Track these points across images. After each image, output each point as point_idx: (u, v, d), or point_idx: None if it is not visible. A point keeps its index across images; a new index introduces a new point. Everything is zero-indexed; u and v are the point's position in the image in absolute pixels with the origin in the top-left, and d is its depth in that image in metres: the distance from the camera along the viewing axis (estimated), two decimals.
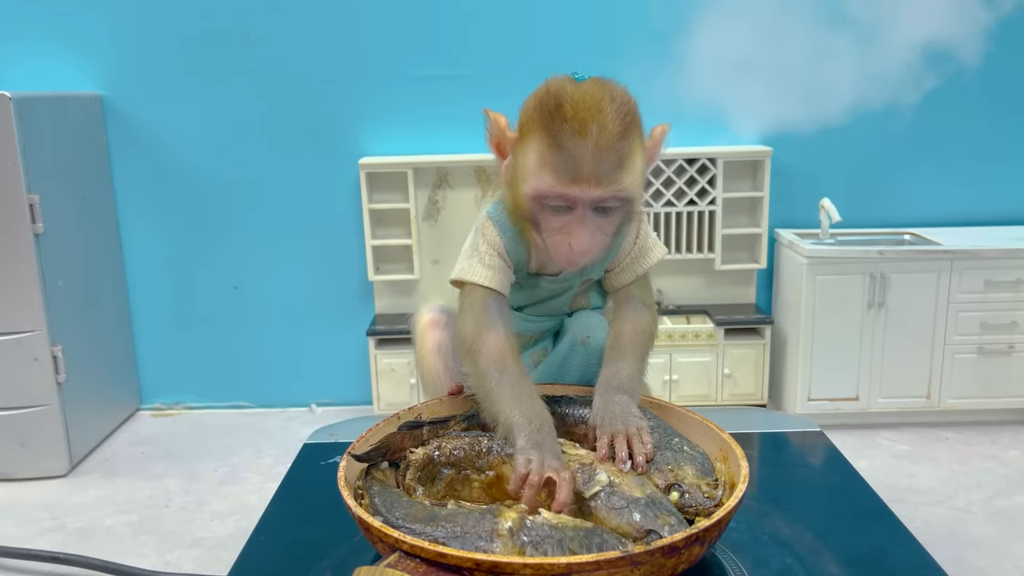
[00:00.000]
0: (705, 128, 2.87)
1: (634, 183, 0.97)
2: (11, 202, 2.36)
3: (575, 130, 0.92)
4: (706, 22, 2.80)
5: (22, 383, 2.47)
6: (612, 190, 0.95)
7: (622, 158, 0.94)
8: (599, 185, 0.94)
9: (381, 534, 0.78)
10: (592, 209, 0.96)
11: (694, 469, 0.92)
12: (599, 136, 0.92)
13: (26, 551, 2.02)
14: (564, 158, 0.93)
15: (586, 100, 0.94)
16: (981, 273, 2.63)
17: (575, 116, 0.93)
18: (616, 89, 0.98)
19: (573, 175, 0.93)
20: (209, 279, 2.97)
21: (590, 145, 0.92)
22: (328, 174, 2.89)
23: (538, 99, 0.98)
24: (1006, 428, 2.73)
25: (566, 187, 0.94)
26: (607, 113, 0.93)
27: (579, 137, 0.92)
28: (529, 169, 0.97)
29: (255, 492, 2.39)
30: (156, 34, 2.78)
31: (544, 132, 0.95)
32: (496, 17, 2.78)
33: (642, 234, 1.14)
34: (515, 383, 0.99)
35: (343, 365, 3.04)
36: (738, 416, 1.45)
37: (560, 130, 0.93)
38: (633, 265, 1.13)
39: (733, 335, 2.83)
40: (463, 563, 0.74)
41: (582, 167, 0.93)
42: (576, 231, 0.97)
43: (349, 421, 1.34)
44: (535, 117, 0.97)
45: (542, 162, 0.95)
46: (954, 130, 2.90)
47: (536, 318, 1.20)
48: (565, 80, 0.99)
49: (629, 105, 0.97)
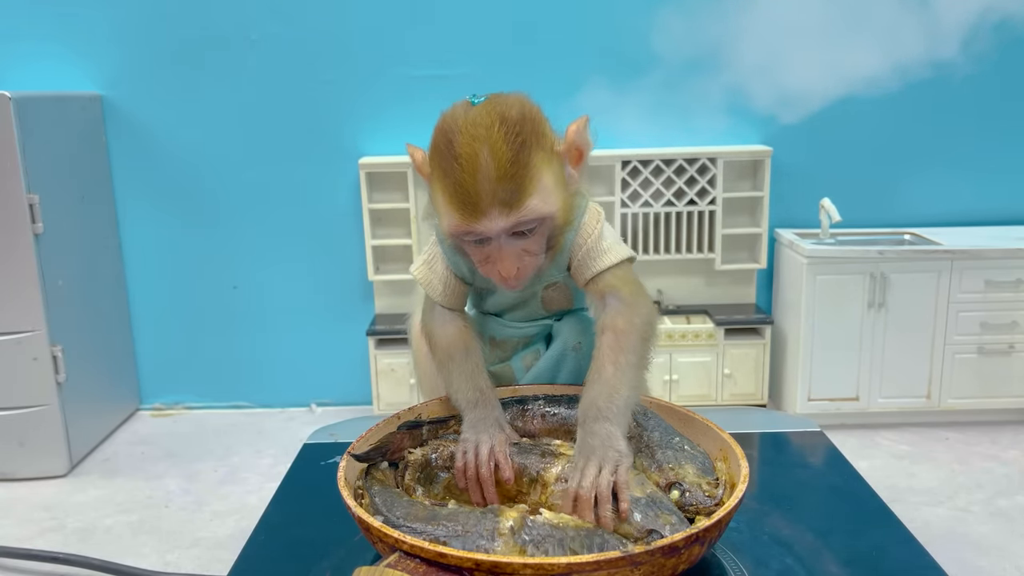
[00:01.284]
0: (705, 128, 2.87)
1: (541, 201, 0.94)
2: (11, 202, 2.36)
3: (464, 167, 0.91)
4: (706, 22, 2.80)
5: (22, 383, 2.47)
6: (517, 217, 0.92)
7: (520, 181, 0.91)
8: (501, 216, 0.92)
9: (381, 534, 0.78)
10: (508, 235, 0.94)
11: (695, 468, 0.93)
12: (490, 167, 0.90)
13: (26, 551, 2.02)
14: (462, 196, 0.92)
15: (473, 130, 0.91)
16: (981, 273, 2.62)
17: (463, 151, 0.91)
18: (509, 107, 0.94)
19: (473, 212, 0.92)
20: (209, 279, 2.97)
21: (482, 179, 0.90)
22: (328, 174, 2.89)
23: (434, 135, 0.96)
24: (1006, 428, 2.73)
25: (471, 225, 0.93)
26: (496, 139, 0.90)
27: (470, 173, 0.90)
28: (439, 208, 0.97)
29: (255, 492, 2.39)
30: (156, 34, 2.78)
31: (441, 171, 0.94)
32: (496, 17, 2.78)
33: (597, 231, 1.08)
34: (460, 367, 1.05)
35: (343, 365, 3.04)
36: (738, 416, 1.45)
37: (453, 168, 0.91)
38: (587, 262, 1.06)
39: (733, 335, 2.83)
40: (463, 563, 0.74)
41: (480, 202, 0.91)
42: (500, 260, 0.96)
43: (349, 421, 1.34)
44: (434, 155, 0.96)
45: (446, 202, 0.94)
46: (954, 130, 2.90)
47: (517, 324, 1.19)
48: (460, 107, 0.96)
49: (523, 121, 0.93)
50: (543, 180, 0.94)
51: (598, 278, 1.05)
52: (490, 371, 1.16)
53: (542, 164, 0.94)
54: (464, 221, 0.93)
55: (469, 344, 1.09)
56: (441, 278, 1.11)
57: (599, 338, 1.02)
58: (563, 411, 1.05)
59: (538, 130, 0.95)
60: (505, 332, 1.19)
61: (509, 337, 1.19)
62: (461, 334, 1.09)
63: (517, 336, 1.20)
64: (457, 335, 1.09)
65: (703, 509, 0.88)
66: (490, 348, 1.20)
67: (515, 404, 1.07)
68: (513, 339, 1.20)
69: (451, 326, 1.11)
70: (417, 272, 1.14)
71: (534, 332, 1.20)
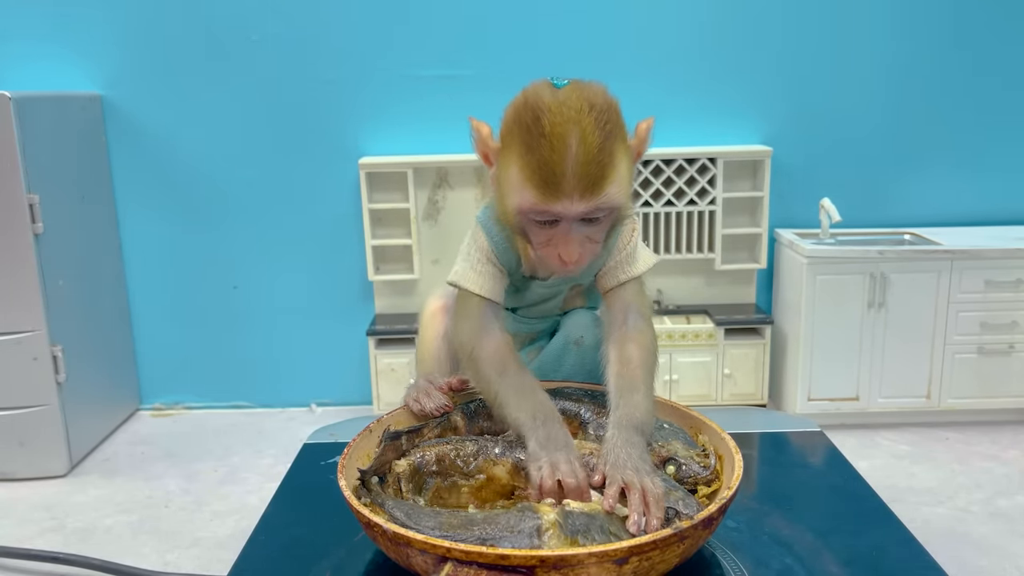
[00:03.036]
0: (705, 128, 2.87)
1: (619, 191, 0.94)
2: (11, 202, 2.36)
3: (554, 145, 0.90)
4: (705, 22, 2.80)
5: (22, 383, 2.47)
6: (596, 203, 0.92)
7: (604, 168, 0.91)
8: (582, 199, 0.91)
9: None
10: (579, 220, 0.94)
11: (681, 443, 0.97)
12: (579, 150, 0.90)
13: (26, 551, 2.02)
14: (545, 174, 0.91)
15: (564, 111, 0.91)
16: (981, 273, 2.63)
17: (554, 130, 0.90)
18: (596, 94, 0.95)
19: (555, 191, 0.91)
20: (209, 279, 2.97)
21: (570, 160, 0.90)
22: (328, 174, 2.89)
23: (516, 111, 0.95)
24: (1006, 428, 2.73)
25: (549, 204, 0.92)
26: (586, 123, 0.90)
27: (559, 152, 0.90)
28: (512, 184, 0.95)
29: (255, 492, 2.39)
30: (156, 34, 2.78)
31: (524, 147, 0.92)
32: (496, 16, 2.78)
33: (634, 238, 1.11)
34: (516, 382, 1.00)
35: (343, 365, 3.04)
36: (738, 416, 1.45)
37: (539, 145, 0.90)
38: (623, 266, 1.10)
39: (733, 335, 2.83)
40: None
41: (563, 183, 0.90)
42: (564, 243, 0.95)
43: (349, 421, 1.34)
44: (514, 130, 0.94)
45: (524, 179, 0.93)
46: (954, 130, 2.90)
47: (529, 320, 1.21)
48: (543, 87, 0.96)
49: (610, 110, 0.94)
50: (622, 171, 0.95)
51: (623, 287, 1.08)
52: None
53: (622, 155, 0.95)
54: (542, 199, 0.92)
55: (517, 354, 1.06)
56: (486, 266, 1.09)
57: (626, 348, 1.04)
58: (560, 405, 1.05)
59: (618, 121, 0.95)
60: (516, 327, 1.20)
61: (517, 331, 1.20)
62: (508, 345, 1.06)
63: (527, 331, 1.21)
64: (505, 346, 1.05)
65: (700, 479, 0.92)
66: None
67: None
68: (522, 334, 1.21)
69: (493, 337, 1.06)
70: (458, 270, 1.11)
71: (542, 328, 1.21)
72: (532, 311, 1.19)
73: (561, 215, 0.93)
